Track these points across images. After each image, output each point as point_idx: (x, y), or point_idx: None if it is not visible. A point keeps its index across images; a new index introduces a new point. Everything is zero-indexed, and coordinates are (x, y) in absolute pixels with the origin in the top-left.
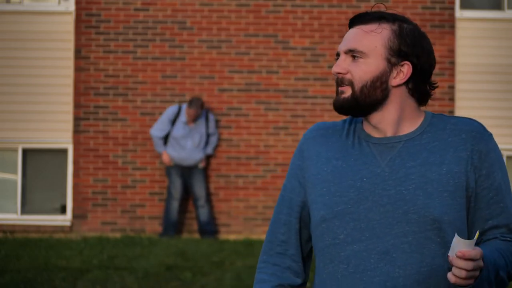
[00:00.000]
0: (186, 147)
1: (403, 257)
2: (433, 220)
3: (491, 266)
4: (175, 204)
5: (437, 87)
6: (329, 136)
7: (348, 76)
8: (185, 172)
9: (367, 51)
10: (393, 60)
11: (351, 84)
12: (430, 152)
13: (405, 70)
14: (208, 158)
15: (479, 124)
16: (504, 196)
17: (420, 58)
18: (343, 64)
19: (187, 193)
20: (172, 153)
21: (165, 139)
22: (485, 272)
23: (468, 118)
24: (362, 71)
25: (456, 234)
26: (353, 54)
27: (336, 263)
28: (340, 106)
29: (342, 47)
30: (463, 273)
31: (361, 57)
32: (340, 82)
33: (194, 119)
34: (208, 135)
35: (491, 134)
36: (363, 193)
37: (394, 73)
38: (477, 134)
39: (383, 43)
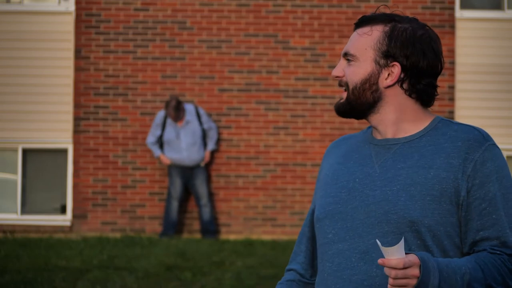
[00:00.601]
0: (181, 148)
1: (381, 256)
2: (412, 222)
3: (458, 277)
4: (174, 204)
5: (437, 87)
6: (341, 145)
7: (344, 79)
8: (187, 172)
9: (358, 54)
10: (382, 61)
11: (347, 87)
12: (421, 156)
13: (395, 71)
14: (212, 154)
15: (479, 133)
16: (498, 208)
17: (410, 58)
18: (340, 67)
19: (188, 193)
20: (170, 156)
21: (161, 144)
22: (433, 281)
23: (470, 126)
24: (353, 74)
25: (377, 241)
26: (346, 57)
27: (324, 262)
28: (337, 109)
29: (343, 49)
30: (390, 281)
31: (353, 60)
32: (339, 85)
33: (176, 119)
34: (204, 131)
35: (492, 144)
36: (353, 193)
37: (385, 74)
38: (474, 143)
39: (372, 45)
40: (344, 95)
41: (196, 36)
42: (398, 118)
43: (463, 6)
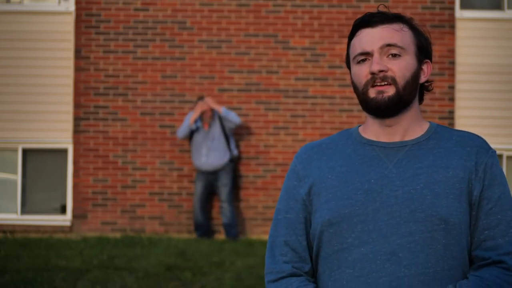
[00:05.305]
0: (201, 154)
1: (409, 256)
2: (440, 219)
3: None
4: (196, 206)
5: (431, 89)
6: (325, 150)
7: (390, 74)
8: (210, 176)
9: (406, 47)
10: (421, 58)
11: (394, 82)
12: (436, 157)
13: (426, 68)
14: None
15: (484, 140)
16: (503, 209)
17: (431, 57)
18: (382, 62)
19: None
20: (194, 160)
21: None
22: None
23: (473, 134)
24: (404, 68)
25: None
26: (391, 50)
27: (343, 269)
28: (385, 104)
29: (375, 44)
30: None
31: (400, 54)
32: (381, 79)
33: (209, 116)
34: (227, 137)
35: (494, 151)
36: (370, 194)
37: (420, 71)
38: (481, 149)
39: (413, 40)
40: (390, 90)
41: (196, 36)
42: (413, 118)
43: (463, 6)
